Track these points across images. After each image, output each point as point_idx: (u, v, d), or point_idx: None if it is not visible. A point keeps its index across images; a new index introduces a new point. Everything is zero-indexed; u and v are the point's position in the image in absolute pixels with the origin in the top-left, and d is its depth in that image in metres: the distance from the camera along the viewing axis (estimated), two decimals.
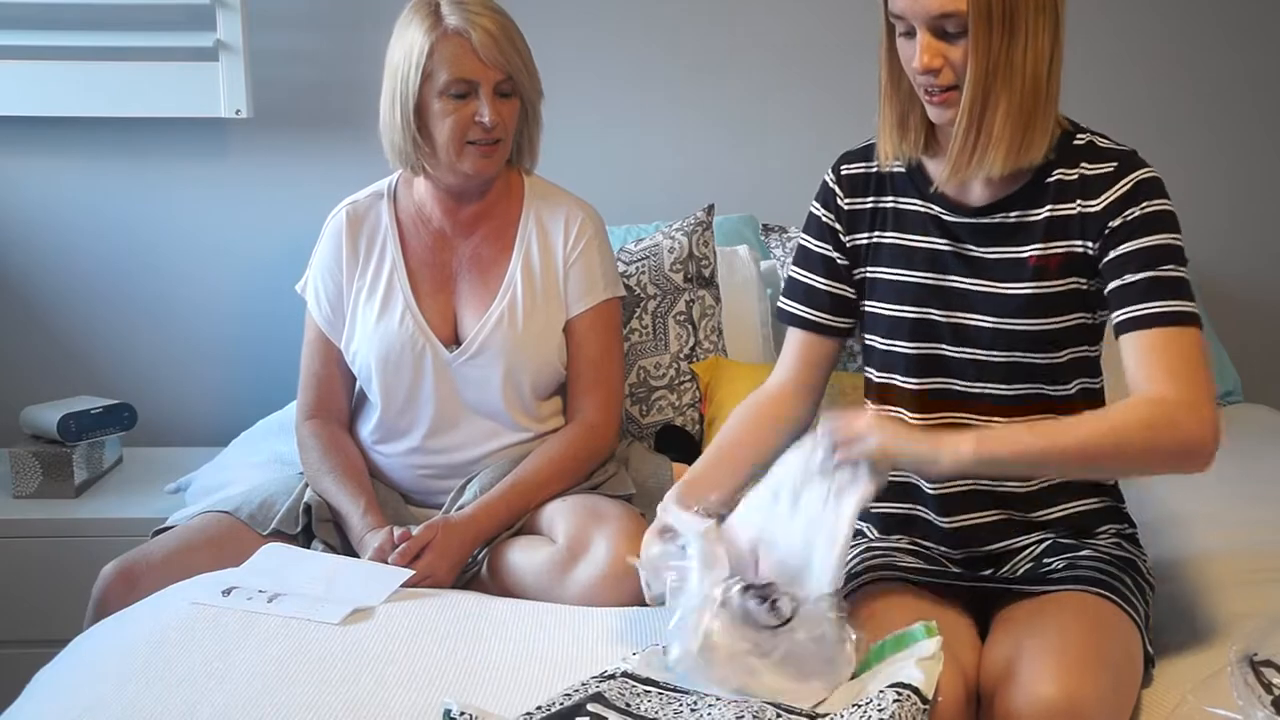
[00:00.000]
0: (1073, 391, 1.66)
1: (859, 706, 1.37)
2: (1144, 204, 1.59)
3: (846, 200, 1.76)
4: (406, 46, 1.99)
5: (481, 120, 1.98)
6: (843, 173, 1.77)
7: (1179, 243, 1.60)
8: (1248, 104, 2.96)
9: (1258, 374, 2.89)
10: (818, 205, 1.79)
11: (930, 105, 1.61)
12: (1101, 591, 1.57)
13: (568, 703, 1.42)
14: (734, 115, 2.94)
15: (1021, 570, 1.67)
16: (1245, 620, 1.66)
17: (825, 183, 1.79)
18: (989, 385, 1.65)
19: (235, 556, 1.90)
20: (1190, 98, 2.94)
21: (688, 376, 2.41)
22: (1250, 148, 2.96)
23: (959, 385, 1.67)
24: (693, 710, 1.41)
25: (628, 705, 1.41)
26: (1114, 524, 1.70)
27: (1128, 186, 1.59)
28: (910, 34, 1.58)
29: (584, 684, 1.47)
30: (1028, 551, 1.68)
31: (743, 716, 1.38)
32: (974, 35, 1.53)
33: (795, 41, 2.93)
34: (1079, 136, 1.65)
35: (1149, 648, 1.59)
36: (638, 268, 2.42)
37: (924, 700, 1.36)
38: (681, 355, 2.41)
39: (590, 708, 1.39)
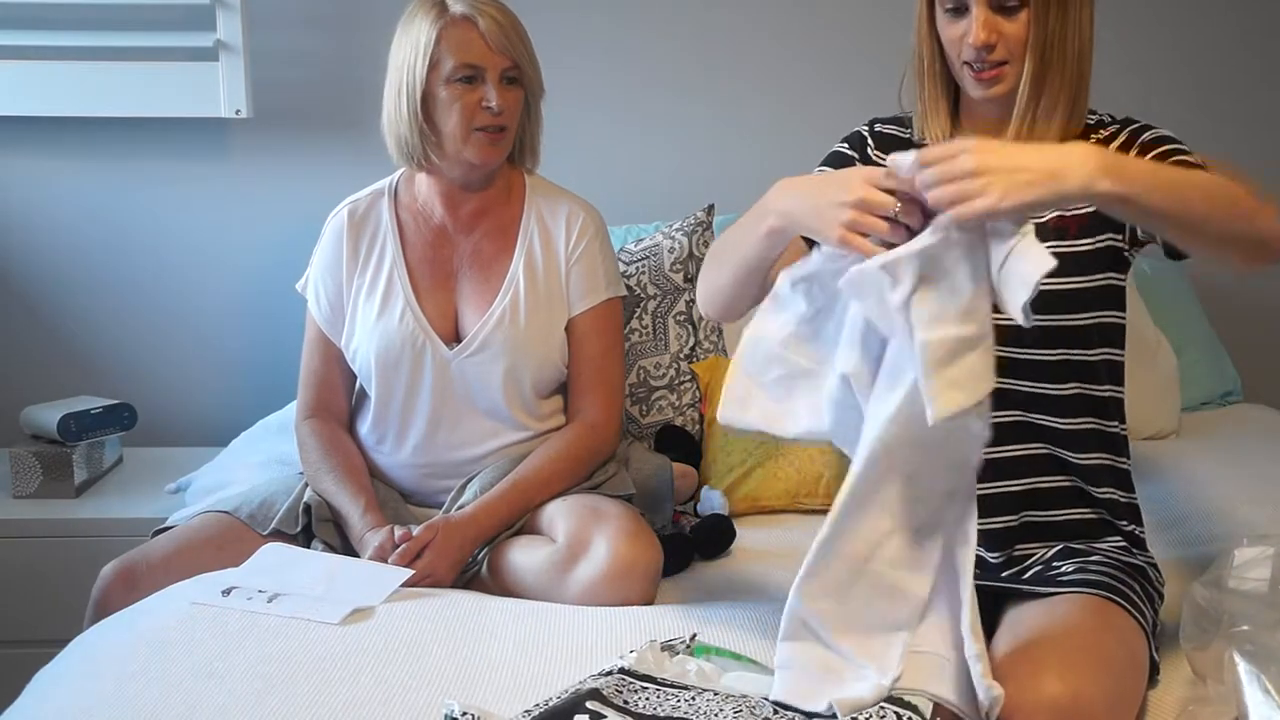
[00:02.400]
0: (1097, 359, 1.68)
1: None
2: (1150, 132, 1.67)
3: (875, 152, 1.78)
4: (413, 38, 2.00)
5: (489, 105, 1.98)
6: (877, 129, 1.81)
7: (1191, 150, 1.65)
8: (1248, 103, 2.96)
9: (1258, 374, 2.89)
10: (844, 145, 1.81)
11: (976, 81, 1.65)
12: (1110, 595, 1.57)
13: (565, 699, 1.42)
14: (734, 115, 2.94)
15: (1031, 572, 1.67)
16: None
17: (858, 131, 1.82)
18: (1016, 350, 1.65)
19: (235, 556, 1.90)
20: (1190, 97, 2.94)
21: (688, 376, 2.41)
22: (1250, 146, 2.96)
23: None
24: (690, 704, 1.41)
25: (625, 702, 1.42)
26: (1126, 521, 1.71)
27: (1130, 129, 1.69)
28: (959, 10, 1.63)
29: (581, 682, 1.47)
30: (1039, 555, 1.68)
31: (740, 712, 1.38)
32: (1036, 7, 1.60)
33: (796, 41, 2.93)
34: (1090, 115, 1.72)
35: (1155, 655, 1.60)
36: (638, 268, 2.43)
37: (924, 719, 1.36)
38: (681, 355, 2.41)
39: (588, 704, 1.39)
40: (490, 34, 1.98)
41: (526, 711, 1.42)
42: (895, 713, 1.36)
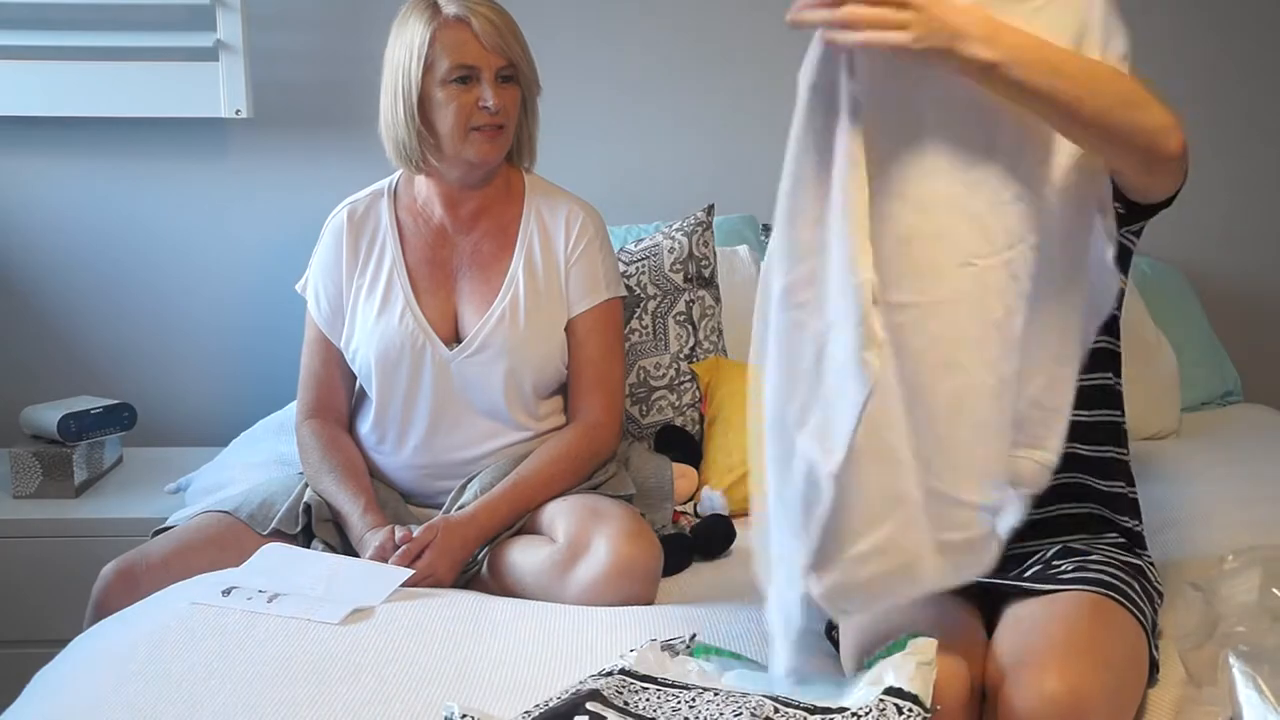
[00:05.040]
0: (1098, 346, 1.62)
1: (858, 717, 1.36)
2: None
3: None
4: (407, 40, 2.00)
5: (485, 105, 1.98)
6: None
7: None
8: (1246, 103, 2.96)
9: (1258, 374, 2.89)
10: None
11: None
12: (1110, 594, 1.58)
13: (565, 700, 1.42)
14: (734, 115, 2.94)
15: (1031, 571, 1.67)
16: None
17: None
18: None
19: (235, 556, 1.90)
20: (1187, 97, 2.92)
21: (688, 377, 2.41)
22: (1249, 147, 2.96)
23: None
24: (690, 706, 1.41)
25: (626, 704, 1.42)
26: (1127, 516, 1.70)
27: None
28: None
29: (581, 682, 1.47)
30: (1039, 554, 1.68)
31: (740, 713, 1.38)
32: None
33: (796, 40, 2.92)
34: None
35: (1154, 654, 1.60)
36: (638, 268, 2.43)
37: (925, 710, 1.36)
38: (681, 355, 2.41)
39: (589, 706, 1.39)
40: (484, 34, 1.98)
41: (526, 712, 1.42)
42: (895, 704, 1.36)
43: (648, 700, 1.43)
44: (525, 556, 1.93)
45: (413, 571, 1.84)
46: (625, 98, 2.94)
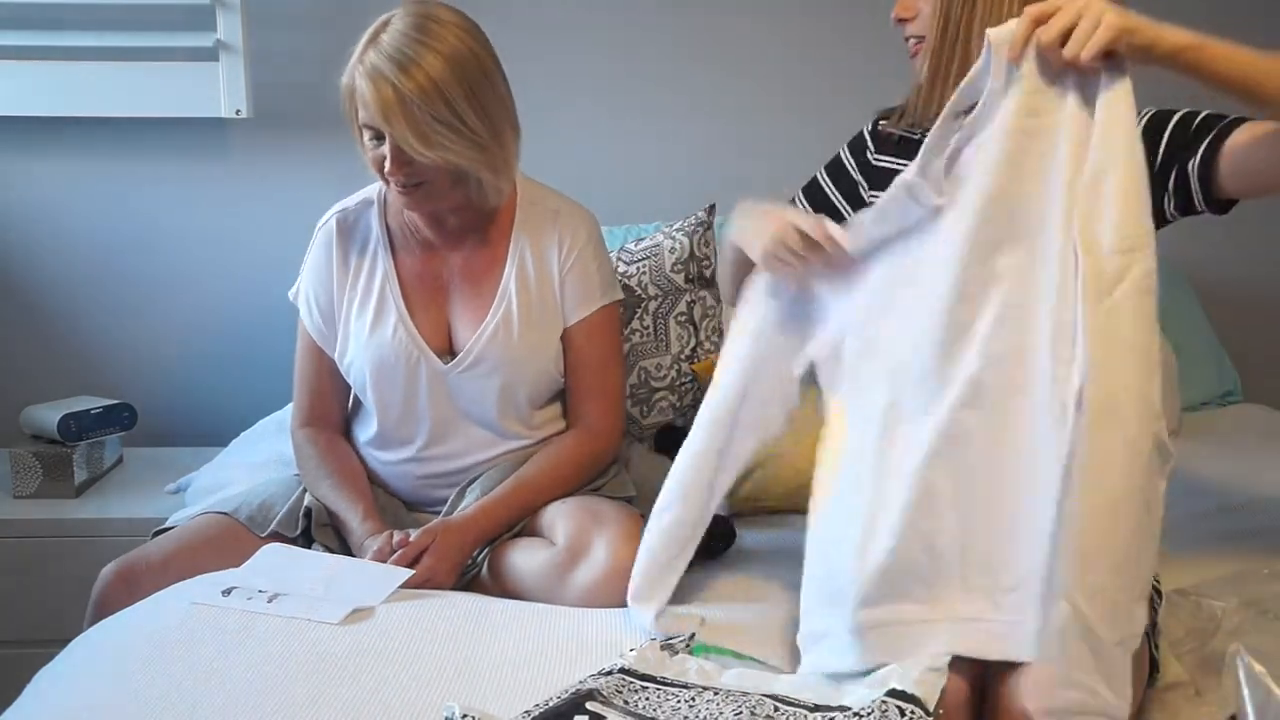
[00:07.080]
0: None
1: (859, 716, 1.36)
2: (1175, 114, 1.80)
3: (876, 156, 1.80)
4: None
5: (385, 168, 1.93)
6: (879, 127, 1.83)
7: None
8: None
9: (1257, 374, 2.89)
10: (846, 150, 1.87)
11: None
12: None
13: (565, 699, 1.42)
14: (735, 115, 2.94)
15: None
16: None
17: (860, 134, 1.86)
18: None
19: (235, 557, 1.89)
20: (1187, 96, 2.93)
21: (689, 377, 2.41)
22: None
23: None
24: (690, 706, 1.41)
25: (626, 703, 1.42)
26: None
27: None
28: None
29: (581, 682, 1.47)
30: None
31: (740, 713, 1.38)
32: None
33: (795, 40, 2.93)
34: None
35: (1154, 653, 1.60)
36: (638, 268, 2.42)
37: (928, 713, 1.36)
38: (683, 356, 2.41)
39: (589, 705, 1.39)
40: (378, 106, 1.87)
41: (526, 712, 1.42)
42: (898, 707, 1.35)
43: (647, 699, 1.43)
44: (525, 559, 1.92)
45: (412, 571, 1.83)
46: (625, 97, 2.93)
